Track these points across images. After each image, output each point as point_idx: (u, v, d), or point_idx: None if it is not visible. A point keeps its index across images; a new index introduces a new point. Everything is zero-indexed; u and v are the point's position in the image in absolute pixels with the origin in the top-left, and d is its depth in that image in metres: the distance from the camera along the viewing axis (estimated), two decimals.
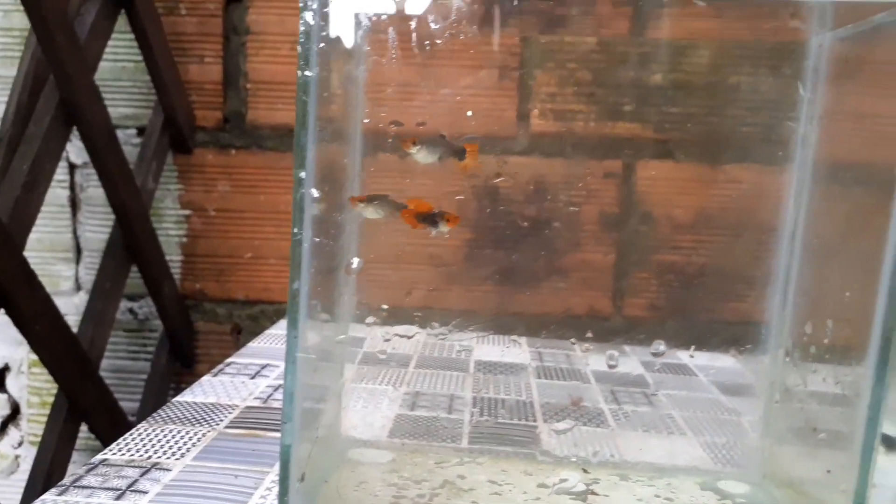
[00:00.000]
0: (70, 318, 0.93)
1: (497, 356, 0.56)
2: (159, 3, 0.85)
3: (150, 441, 0.43)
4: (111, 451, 0.41)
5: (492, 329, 0.45)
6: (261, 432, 0.45)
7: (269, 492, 0.37)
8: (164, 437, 0.43)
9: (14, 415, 0.97)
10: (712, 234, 0.44)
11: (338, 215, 0.32)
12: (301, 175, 0.28)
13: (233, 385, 0.53)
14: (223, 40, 0.86)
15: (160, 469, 0.39)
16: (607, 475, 0.38)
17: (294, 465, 0.31)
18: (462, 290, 0.44)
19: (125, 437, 0.43)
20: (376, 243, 0.38)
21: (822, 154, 0.36)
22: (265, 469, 0.39)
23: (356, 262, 0.34)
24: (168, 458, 0.40)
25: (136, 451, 0.41)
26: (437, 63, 0.36)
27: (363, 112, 0.37)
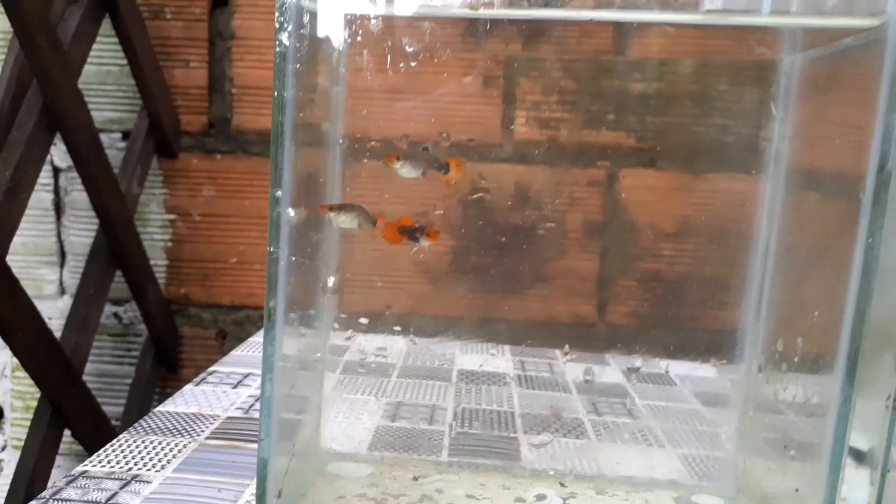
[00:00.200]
0: (54, 322, 0.92)
1: (479, 365, 0.56)
2: (144, 8, 0.85)
3: (130, 452, 0.43)
4: (92, 462, 0.41)
5: (475, 336, 0.46)
6: (241, 443, 0.45)
7: None
8: (146, 447, 0.43)
9: None
10: (693, 242, 0.45)
11: (314, 234, 0.32)
12: (277, 194, 0.28)
13: (215, 395, 0.53)
14: (209, 45, 0.86)
15: (140, 481, 0.39)
16: (584, 489, 0.38)
17: (271, 480, 0.31)
18: (444, 298, 0.45)
19: (106, 448, 0.43)
20: (356, 252, 0.38)
21: (794, 166, 0.37)
22: (245, 482, 0.40)
23: (332, 281, 0.34)
24: (149, 470, 0.40)
25: (117, 463, 0.41)
26: (420, 71, 0.36)
27: (343, 125, 0.37)
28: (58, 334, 0.74)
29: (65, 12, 0.71)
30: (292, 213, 0.29)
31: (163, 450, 0.43)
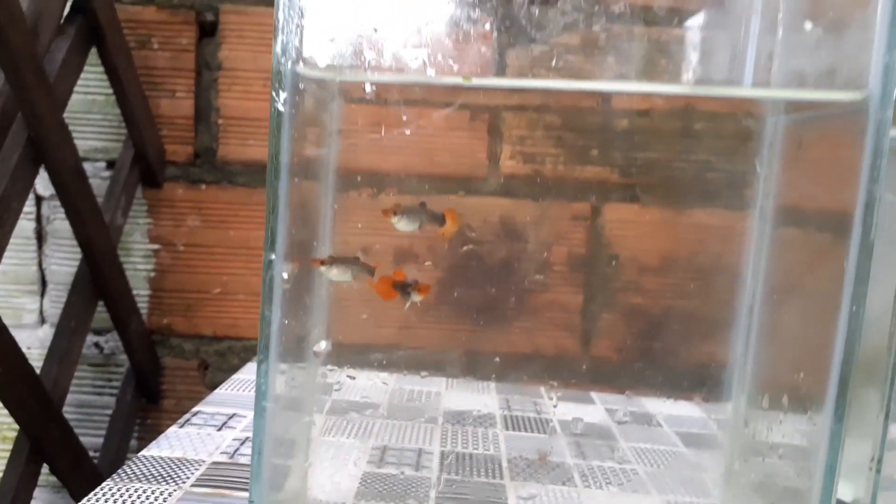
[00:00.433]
0: (33, 352, 0.91)
1: (465, 403, 0.56)
2: (131, 37, 0.85)
3: (115, 501, 0.42)
4: None
5: (459, 371, 0.46)
6: (227, 491, 0.44)
7: None
8: (130, 496, 0.43)
9: None
10: (677, 277, 0.45)
11: (307, 297, 0.32)
12: (271, 258, 0.29)
13: (199, 437, 0.52)
14: (195, 75, 0.86)
15: None
16: None
17: None
18: (429, 332, 0.45)
19: (90, 497, 0.43)
20: (346, 302, 0.38)
21: (779, 205, 0.38)
22: None
23: (324, 345, 0.34)
24: None
25: None
26: (413, 125, 0.37)
27: (334, 174, 0.37)
28: (37, 364, 0.73)
29: (51, 44, 0.71)
30: (286, 276, 0.29)
31: (147, 498, 0.43)
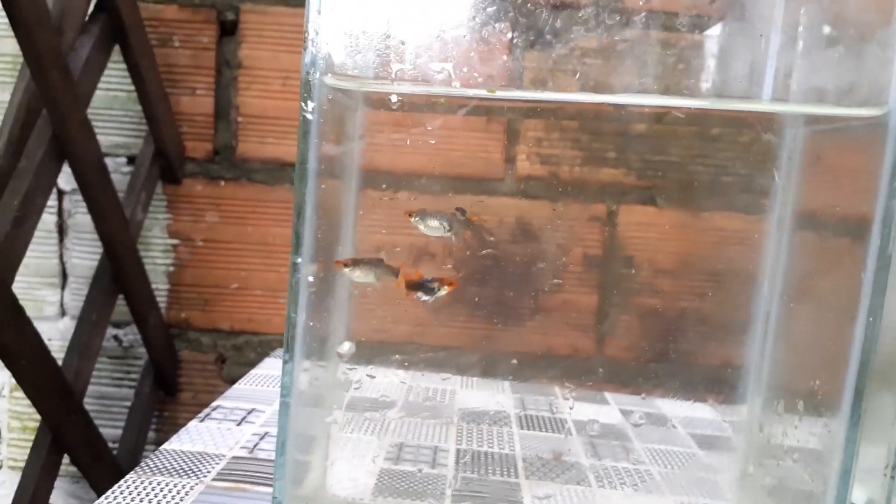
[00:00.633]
0: (54, 344, 0.93)
1: (481, 402, 0.57)
2: (153, 35, 0.86)
3: (138, 494, 0.43)
4: None
5: (475, 370, 0.46)
6: (247, 485, 0.45)
7: None
8: (153, 489, 0.44)
9: None
10: (693, 279, 0.46)
11: (330, 298, 0.33)
12: (297, 261, 0.29)
13: (219, 432, 0.53)
14: (215, 73, 0.87)
15: None
16: None
17: None
18: (446, 332, 0.45)
19: (114, 489, 0.44)
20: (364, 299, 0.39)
21: (798, 215, 0.38)
22: None
23: (347, 347, 0.35)
24: None
25: None
26: (436, 135, 0.37)
27: (358, 178, 0.38)
28: (57, 355, 0.74)
29: (75, 42, 0.72)
30: (311, 279, 0.30)
31: (170, 492, 0.44)
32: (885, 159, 0.27)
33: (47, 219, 0.91)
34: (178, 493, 0.44)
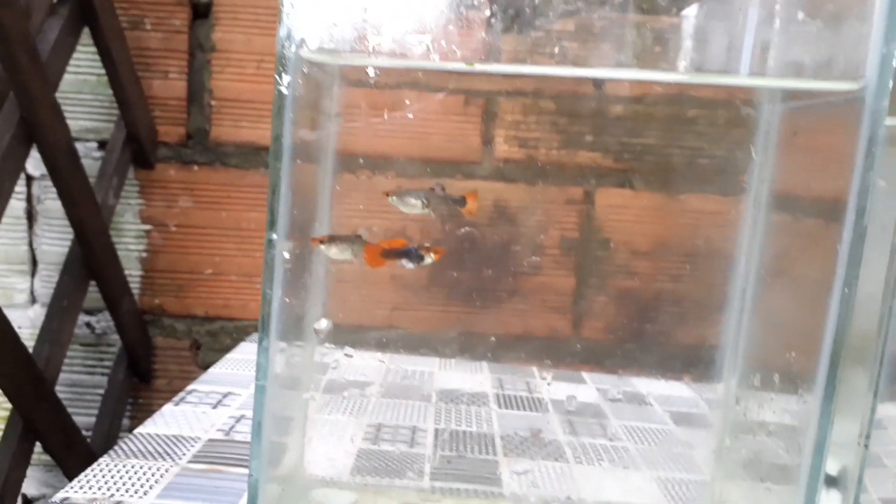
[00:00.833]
0: (24, 332, 0.91)
1: (458, 383, 0.57)
2: (124, 18, 0.84)
3: (112, 477, 0.43)
4: (73, 488, 0.41)
5: (453, 350, 0.46)
6: (223, 467, 0.45)
7: None
8: (127, 472, 0.43)
9: None
10: (670, 260, 0.46)
11: (307, 276, 0.32)
12: (273, 237, 0.29)
13: (195, 415, 0.53)
14: (188, 56, 0.86)
15: None
16: None
17: None
18: (424, 313, 0.45)
19: (87, 472, 0.43)
20: (342, 273, 0.39)
21: (772, 190, 0.38)
22: None
23: (325, 324, 0.34)
24: (131, 497, 0.41)
25: (99, 489, 0.41)
26: (413, 110, 0.37)
27: (334, 157, 0.38)
28: (27, 343, 0.73)
29: (43, 24, 0.70)
30: (287, 255, 0.29)
31: (144, 474, 0.43)
32: (861, 131, 0.27)
33: (15, 205, 0.90)
34: (152, 475, 0.43)
